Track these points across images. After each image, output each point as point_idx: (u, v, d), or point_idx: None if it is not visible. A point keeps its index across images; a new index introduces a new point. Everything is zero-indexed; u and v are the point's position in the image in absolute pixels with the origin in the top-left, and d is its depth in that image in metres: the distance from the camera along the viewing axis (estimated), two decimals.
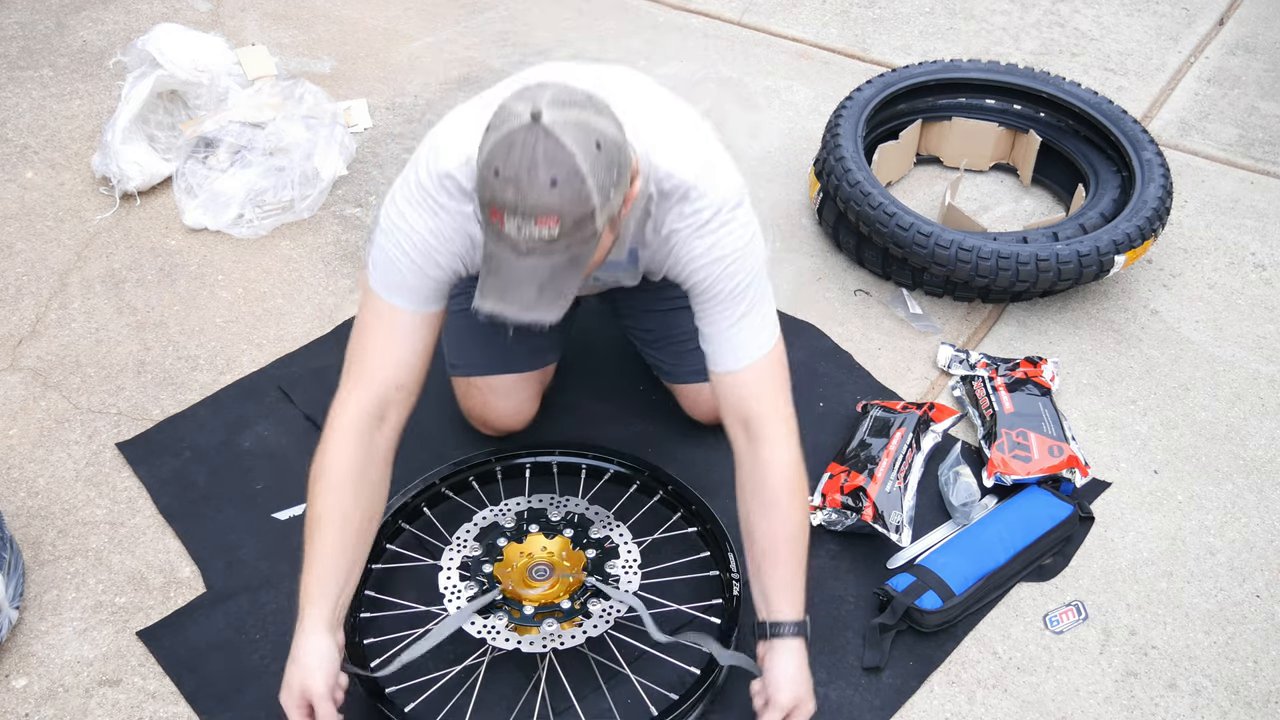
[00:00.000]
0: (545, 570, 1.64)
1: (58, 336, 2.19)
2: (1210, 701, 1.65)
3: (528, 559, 1.66)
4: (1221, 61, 3.20)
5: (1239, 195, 2.68)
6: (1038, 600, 1.77)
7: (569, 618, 1.58)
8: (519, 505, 1.74)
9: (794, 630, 1.47)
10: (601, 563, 1.66)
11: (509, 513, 1.73)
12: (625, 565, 1.67)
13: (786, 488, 1.50)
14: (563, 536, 1.70)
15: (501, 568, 1.64)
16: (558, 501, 1.75)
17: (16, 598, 1.66)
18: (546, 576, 1.63)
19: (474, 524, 1.70)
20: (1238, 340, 2.27)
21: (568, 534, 1.70)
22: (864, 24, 3.34)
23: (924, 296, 2.34)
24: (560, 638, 1.55)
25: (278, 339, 2.20)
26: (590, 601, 1.60)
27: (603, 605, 1.60)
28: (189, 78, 2.54)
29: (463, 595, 1.59)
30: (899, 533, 1.77)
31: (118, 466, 1.93)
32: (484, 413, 1.90)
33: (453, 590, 1.60)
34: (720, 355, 1.52)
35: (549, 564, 1.65)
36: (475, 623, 1.55)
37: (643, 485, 1.84)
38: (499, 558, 1.66)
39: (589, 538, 1.70)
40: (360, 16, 3.26)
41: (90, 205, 2.52)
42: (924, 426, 1.96)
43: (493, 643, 1.53)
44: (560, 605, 1.60)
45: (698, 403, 1.93)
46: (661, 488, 1.83)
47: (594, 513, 1.74)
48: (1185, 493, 1.96)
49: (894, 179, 2.67)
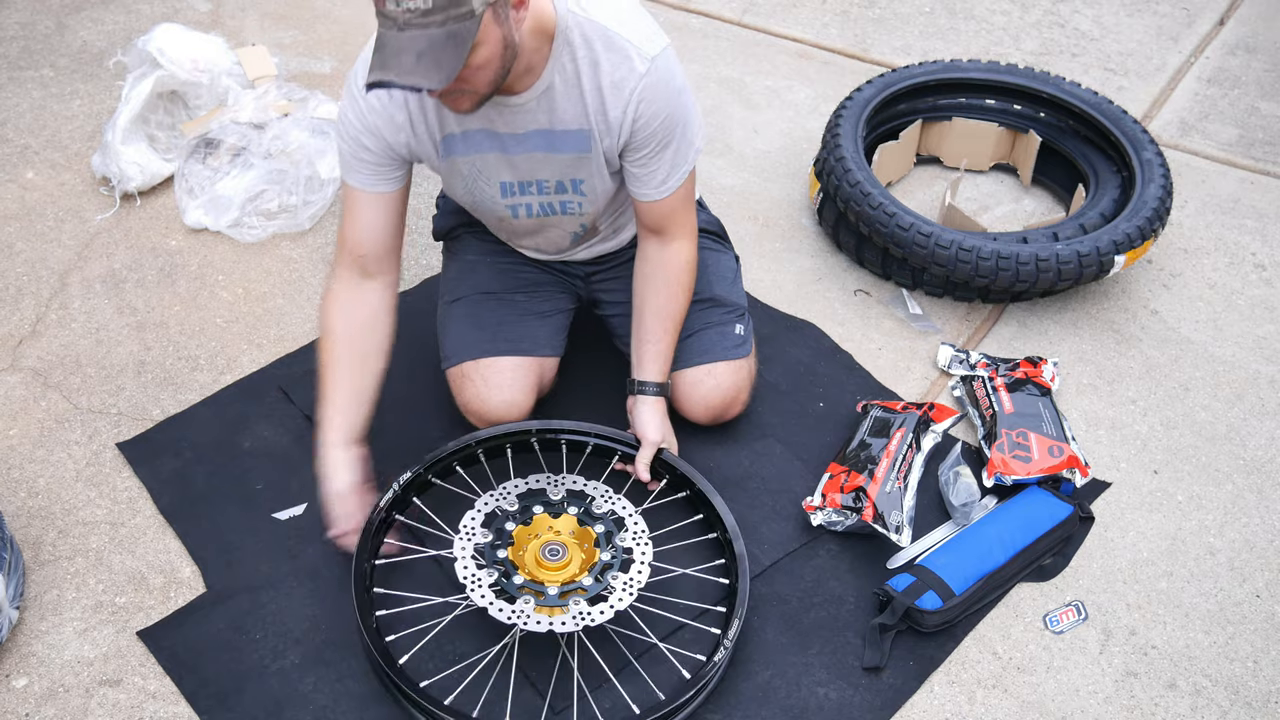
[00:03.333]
0: (559, 550, 1.65)
1: (58, 336, 2.19)
2: (1210, 701, 1.65)
3: (540, 540, 1.67)
4: (1222, 61, 3.20)
5: (1239, 195, 2.68)
6: (1038, 600, 1.77)
7: (594, 595, 1.59)
8: (516, 488, 1.74)
9: (656, 390, 1.84)
10: (611, 536, 1.68)
11: (509, 495, 1.73)
12: (635, 537, 1.68)
13: (687, 276, 1.82)
14: (568, 514, 1.71)
15: (515, 551, 1.66)
16: (553, 480, 1.76)
17: (17, 598, 1.66)
18: (561, 556, 1.64)
19: (477, 511, 1.70)
20: (1238, 340, 2.27)
21: (573, 511, 1.72)
22: (864, 24, 3.34)
23: (924, 296, 2.35)
24: (590, 615, 1.56)
25: (278, 339, 2.20)
26: (612, 577, 1.62)
27: (624, 579, 1.61)
28: (189, 78, 2.55)
29: (483, 583, 1.58)
30: (899, 533, 1.77)
31: (118, 466, 1.93)
32: (479, 404, 1.88)
33: (473, 578, 1.59)
34: (648, 189, 1.73)
35: (561, 543, 1.66)
36: (503, 609, 1.55)
37: (624, 457, 1.87)
38: (510, 542, 1.67)
39: (593, 513, 1.71)
40: (360, 17, 3.26)
41: (90, 205, 2.52)
42: (924, 427, 1.96)
43: (524, 626, 1.54)
44: (583, 583, 1.61)
45: (690, 397, 1.93)
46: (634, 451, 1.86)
47: (591, 488, 1.76)
48: (1185, 493, 1.96)
49: (894, 179, 2.67)
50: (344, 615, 1.69)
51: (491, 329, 1.91)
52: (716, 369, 1.91)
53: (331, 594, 1.72)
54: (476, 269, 1.98)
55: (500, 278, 1.97)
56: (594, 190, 1.75)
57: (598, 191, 1.76)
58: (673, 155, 1.69)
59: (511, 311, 1.93)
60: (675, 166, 1.71)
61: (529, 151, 1.67)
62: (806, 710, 1.60)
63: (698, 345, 1.92)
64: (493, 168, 1.71)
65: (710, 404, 1.92)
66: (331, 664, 1.63)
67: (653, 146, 1.67)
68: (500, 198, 1.75)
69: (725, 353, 1.92)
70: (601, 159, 1.70)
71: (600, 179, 1.73)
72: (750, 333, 1.98)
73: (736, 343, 1.94)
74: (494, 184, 1.73)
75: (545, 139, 1.66)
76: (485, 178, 1.72)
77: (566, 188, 1.75)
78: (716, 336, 1.93)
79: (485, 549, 1.65)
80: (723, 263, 2.03)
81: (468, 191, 1.77)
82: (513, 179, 1.73)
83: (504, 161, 1.70)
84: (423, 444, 1.95)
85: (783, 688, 1.63)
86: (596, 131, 1.65)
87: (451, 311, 1.96)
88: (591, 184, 1.74)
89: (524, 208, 1.78)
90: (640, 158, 1.69)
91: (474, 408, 1.90)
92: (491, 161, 1.70)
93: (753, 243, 2.47)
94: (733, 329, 1.95)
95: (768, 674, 1.64)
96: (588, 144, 1.67)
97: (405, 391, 2.05)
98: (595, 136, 1.66)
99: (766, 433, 2.00)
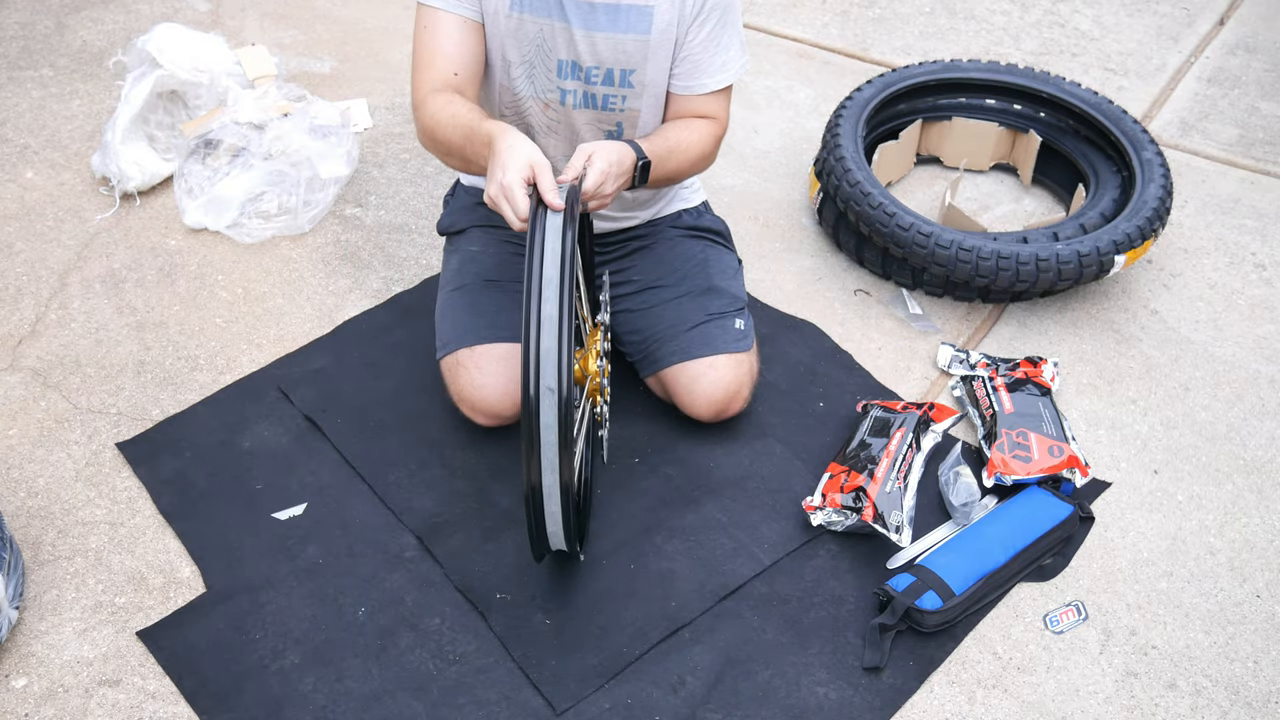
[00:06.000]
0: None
1: (58, 336, 2.19)
2: (1210, 702, 1.65)
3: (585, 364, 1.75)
4: (1222, 61, 3.20)
5: (1239, 195, 2.68)
6: (1038, 600, 1.77)
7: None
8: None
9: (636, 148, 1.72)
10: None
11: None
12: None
13: (711, 141, 1.85)
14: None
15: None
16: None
17: (16, 598, 1.66)
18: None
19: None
20: (1238, 340, 2.27)
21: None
22: (864, 24, 3.34)
23: (924, 296, 2.35)
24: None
25: (278, 339, 2.20)
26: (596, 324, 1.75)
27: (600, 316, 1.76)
28: (189, 78, 2.54)
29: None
30: (899, 533, 1.77)
31: (118, 466, 1.93)
32: (473, 391, 1.86)
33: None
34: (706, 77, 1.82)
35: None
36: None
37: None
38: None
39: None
40: (360, 16, 3.26)
41: (90, 205, 2.52)
42: (924, 427, 1.96)
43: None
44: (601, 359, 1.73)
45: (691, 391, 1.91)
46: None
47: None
48: (1185, 493, 1.96)
49: (894, 179, 2.67)
50: (345, 616, 1.69)
51: (490, 315, 1.89)
52: (718, 362, 1.90)
53: (332, 594, 1.72)
54: (480, 259, 1.98)
55: (502, 267, 1.96)
56: (642, 83, 1.79)
57: (645, 83, 1.80)
58: (729, 41, 1.80)
59: (513, 300, 1.92)
60: (730, 54, 1.81)
61: (589, 29, 1.73)
62: (806, 710, 1.60)
63: (698, 338, 1.91)
64: (556, 39, 1.75)
65: (712, 398, 1.91)
66: (331, 664, 1.63)
67: (717, 18, 1.77)
68: (555, 76, 1.78)
69: (726, 345, 1.91)
70: (660, 43, 1.75)
71: (654, 68, 1.78)
72: (751, 329, 1.98)
73: (737, 337, 1.93)
74: (553, 59, 1.76)
75: (610, 13, 1.73)
76: (546, 49, 1.76)
77: (614, 79, 1.78)
78: (717, 330, 1.92)
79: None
80: (725, 259, 2.03)
81: (524, 62, 1.78)
82: (568, 57, 1.76)
83: (566, 34, 1.74)
84: (422, 444, 1.95)
85: (783, 688, 1.63)
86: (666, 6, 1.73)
87: (452, 300, 1.94)
88: (641, 75, 1.78)
89: (571, 94, 1.80)
90: (705, 34, 1.77)
91: (467, 395, 1.88)
92: (558, 32, 1.74)
93: (753, 243, 2.47)
94: (733, 323, 1.94)
95: (768, 674, 1.64)
96: (648, 24, 1.73)
97: (405, 391, 2.05)
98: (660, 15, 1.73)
99: (766, 433, 2.00)
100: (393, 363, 2.12)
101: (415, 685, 1.61)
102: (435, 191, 2.59)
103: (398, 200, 2.57)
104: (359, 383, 2.07)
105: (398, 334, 2.18)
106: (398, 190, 2.60)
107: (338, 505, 1.86)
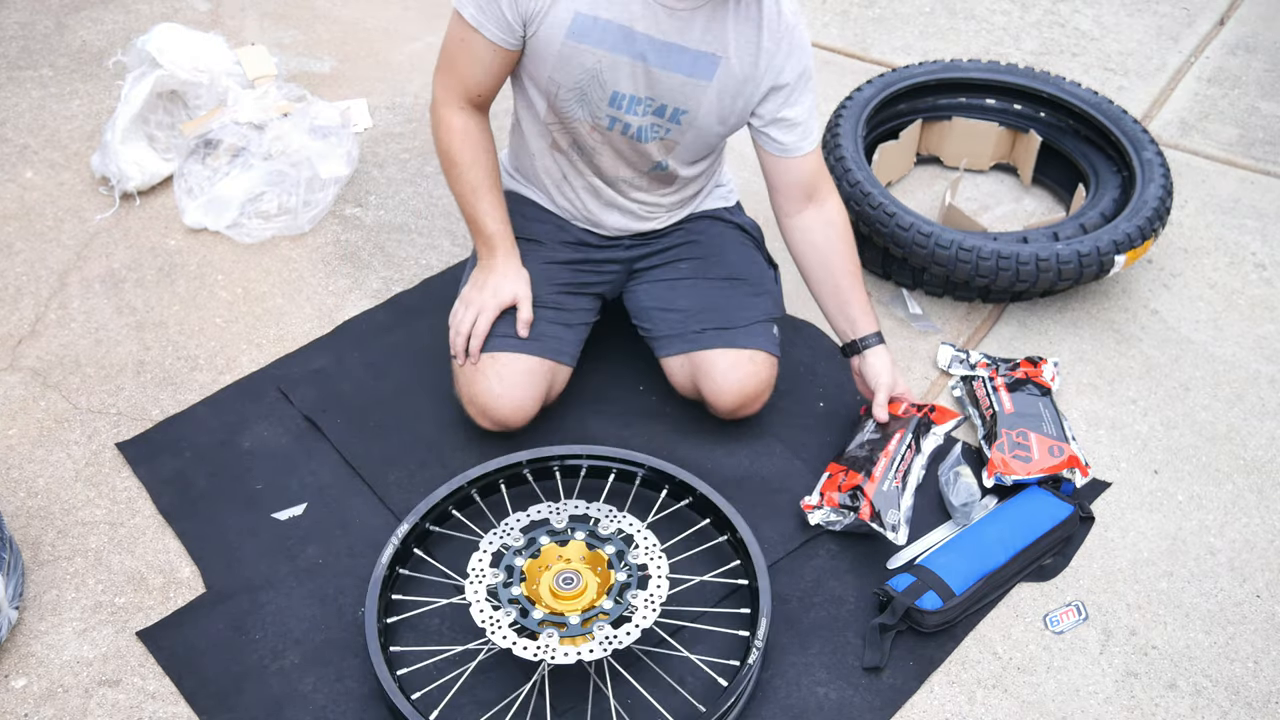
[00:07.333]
0: (573, 577, 1.60)
1: (57, 336, 2.19)
2: (1210, 702, 1.65)
3: (552, 570, 1.62)
4: (1222, 61, 3.20)
5: (1239, 195, 2.68)
6: (1038, 600, 1.77)
7: (617, 618, 1.56)
8: (519, 522, 1.69)
9: (878, 340, 1.92)
10: (623, 555, 1.64)
11: (513, 530, 1.68)
12: (647, 551, 1.65)
13: (851, 233, 1.93)
14: (576, 540, 1.66)
15: (529, 586, 1.60)
16: (555, 508, 1.71)
17: (16, 598, 1.66)
18: (576, 583, 1.59)
19: (483, 551, 1.64)
20: (1238, 340, 2.27)
21: (580, 536, 1.66)
22: (864, 24, 3.34)
23: (924, 296, 2.34)
24: (616, 637, 1.52)
25: (278, 339, 2.20)
26: (631, 595, 1.58)
27: (644, 595, 1.58)
28: (189, 78, 2.54)
29: (502, 623, 1.54)
30: (895, 531, 1.77)
31: (117, 466, 1.93)
32: (489, 399, 1.85)
33: (491, 620, 1.54)
34: (801, 140, 1.84)
35: (574, 570, 1.61)
36: (528, 647, 1.50)
37: (620, 474, 1.83)
38: (522, 577, 1.61)
39: (600, 534, 1.67)
40: (360, 16, 3.26)
41: (90, 205, 2.52)
42: (925, 429, 1.96)
43: (551, 660, 1.49)
44: (603, 607, 1.57)
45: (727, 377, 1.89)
46: (640, 469, 1.83)
47: (595, 509, 1.71)
48: (1185, 493, 1.95)
49: (894, 179, 2.67)
50: (344, 617, 1.69)
51: (509, 327, 1.87)
52: (758, 357, 1.91)
53: (332, 594, 1.72)
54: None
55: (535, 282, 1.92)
56: (690, 124, 1.79)
57: (694, 124, 1.79)
58: (810, 103, 1.83)
59: (541, 315, 1.90)
60: (812, 117, 1.84)
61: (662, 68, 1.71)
62: (806, 710, 1.60)
63: (744, 332, 1.92)
64: (619, 72, 1.72)
65: (745, 390, 1.90)
66: (331, 664, 1.63)
67: (801, 85, 1.79)
68: (608, 105, 1.76)
69: (768, 346, 1.93)
70: (719, 92, 1.75)
71: (705, 112, 1.78)
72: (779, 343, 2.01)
73: (774, 342, 1.96)
74: (608, 89, 1.74)
75: (681, 54, 1.71)
76: (603, 79, 1.73)
77: (665, 113, 1.78)
78: (762, 330, 1.94)
79: (498, 589, 1.59)
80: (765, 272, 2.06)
81: (575, 87, 1.75)
82: (629, 91, 1.74)
83: (630, 69, 1.71)
84: (422, 444, 1.95)
85: (783, 688, 1.63)
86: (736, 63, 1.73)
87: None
88: (692, 117, 1.78)
89: (620, 124, 1.79)
90: (791, 101, 1.80)
91: (482, 402, 1.87)
92: (621, 65, 1.71)
93: None
94: (772, 329, 1.97)
95: (768, 674, 1.64)
96: (713, 72, 1.73)
97: (405, 391, 2.05)
98: (727, 68, 1.73)
99: (766, 432, 2.00)
100: (392, 363, 2.12)
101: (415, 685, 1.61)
102: (435, 191, 2.59)
103: (398, 200, 2.57)
104: (359, 383, 2.07)
105: (397, 334, 2.18)
106: (398, 190, 2.60)
107: (338, 505, 1.86)
